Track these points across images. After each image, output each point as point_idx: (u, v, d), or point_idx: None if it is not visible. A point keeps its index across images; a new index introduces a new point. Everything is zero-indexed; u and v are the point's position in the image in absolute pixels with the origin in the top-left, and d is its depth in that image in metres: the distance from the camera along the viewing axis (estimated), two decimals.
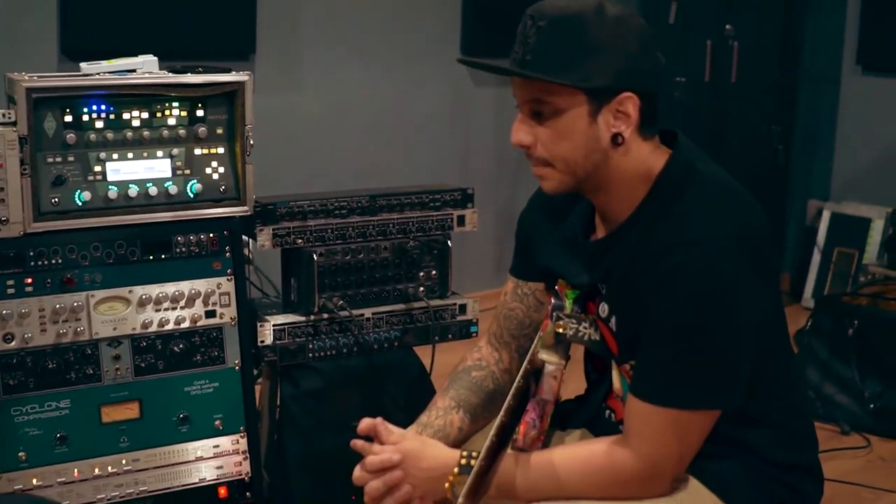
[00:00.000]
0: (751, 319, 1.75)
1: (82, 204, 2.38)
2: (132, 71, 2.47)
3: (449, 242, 2.79)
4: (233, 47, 4.17)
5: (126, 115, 2.44)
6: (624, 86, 1.75)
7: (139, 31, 3.82)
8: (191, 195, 2.50)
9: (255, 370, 2.71)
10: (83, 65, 2.46)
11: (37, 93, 2.30)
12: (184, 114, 2.50)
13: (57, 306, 2.37)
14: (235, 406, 2.56)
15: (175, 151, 2.49)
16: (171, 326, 2.49)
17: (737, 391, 1.78)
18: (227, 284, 2.55)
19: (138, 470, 2.45)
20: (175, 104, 2.48)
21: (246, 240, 2.62)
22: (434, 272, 2.80)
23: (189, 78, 2.48)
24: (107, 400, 2.42)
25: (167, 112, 2.48)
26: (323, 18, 4.43)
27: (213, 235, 2.53)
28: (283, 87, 4.36)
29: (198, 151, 2.51)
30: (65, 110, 2.37)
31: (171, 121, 2.49)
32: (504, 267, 2.14)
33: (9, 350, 2.32)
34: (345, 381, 2.70)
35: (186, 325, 2.51)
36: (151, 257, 2.47)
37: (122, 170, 2.43)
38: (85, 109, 2.39)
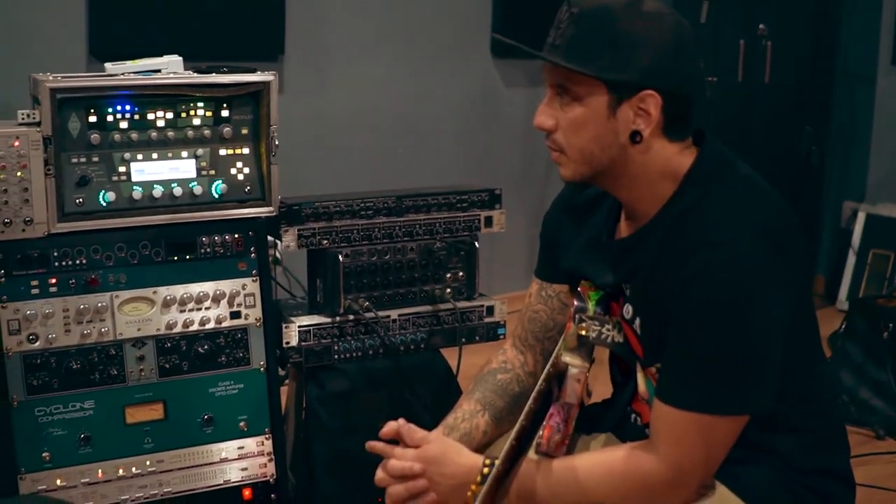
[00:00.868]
0: (779, 321, 1.71)
1: (107, 204, 2.38)
2: (157, 71, 2.46)
3: (476, 244, 2.76)
4: (261, 48, 4.17)
5: (150, 116, 2.43)
6: (647, 83, 1.72)
7: (169, 33, 3.83)
8: (215, 196, 2.49)
9: (282, 371, 2.70)
10: (108, 65, 2.46)
11: (61, 93, 2.30)
12: (209, 114, 2.49)
13: (81, 307, 2.36)
14: (260, 407, 2.55)
15: (200, 152, 2.48)
16: (195, 327, 2.48)
17: (767, 395, 1.73)
18: (252, 285, 2.54)
19: (162, 471, 2.44)
20: (200, 104, 2.48)
21: (272, 240, 2.61)
22: (461, 273, 2.77)
23: (214, 78, 2.47)
24: (131, 401, 2.42)
25: (192, 112, 2.47)
26: (351, 19, 4.42)
27: (238, 236, 2.52)
28: (312, 87, 4.36)
29: (223, 152, 2.50)
30: (89, 111, 2.37)
31: (196, 121, 2.48)
32: (533, 269, 2.12)
33: (33, 350, 2.32)
34: (371, 383, 2.68)
35: (211, 326, 2.50)
36: (176, 258, 2.46)
37: (146, 170, 2.43)
38: (109, 110, 2.39)
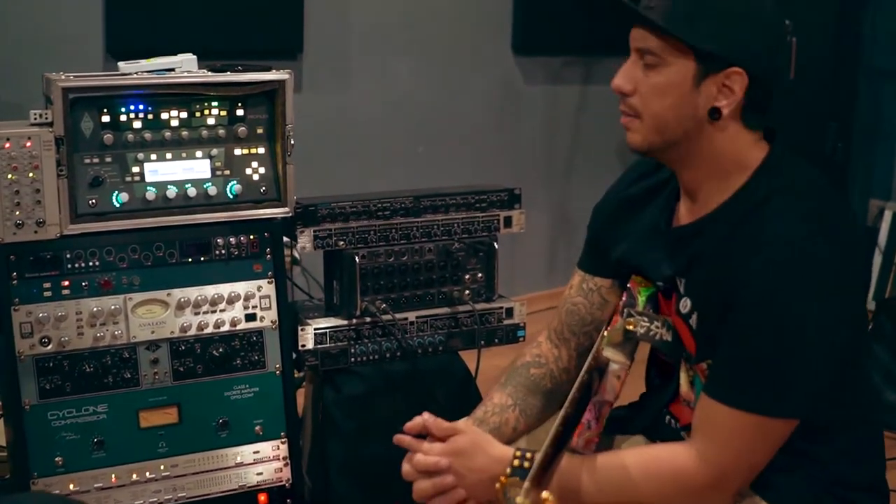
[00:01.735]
0: (841, 324, 1.67)
1: (120, 205, 2.35)
2: (171, 70, 2.43)
3: (495, 244, 2.72)
4: (280, 46, 4.14)
5: (164, 115, 2.40)
6: (737, 60, 1.67)
7: (187, 31, 3.80)
8: (230, 196, 2.45)
9: (298, 374, 2.66)
10: (121, 64, 2.43)
11: (73, 92, 2.27)
12: (223, 113, 2.45)
13: (94, 309, 2.33)
14: (276, 411, 2.52)
15: (214, 152, 2.45)
16: (210, 330, 2.45)
17: (818, 399, 1.68)
18: (267, 287, 2.50)
19: (177, 476, 2.41)
20: (214, 104, 2.44)
21: (288, 241, 2.57)
22: (480, 275, 2.73)
23: (228, 77, 2.43)
24: (145, 404, 2.39)
25: (206, 112, 2.44)
26: (371, 16, 4.39)
27: (254, 237, 2.48)
28: (331, 86, 4.32)
29: (237, 152, 2.47)
30: (102, 110, 2.34)
31: (211, 120, 2.45)
32: (555, 268, 2.08)
33: (45, 353, 2.30)
34: (388, 386, 2.64)
35: (226, 328, 2.46)
36: (190, 259, 2.43)
37: (160, 171, 2.39)
38: (122, 109, 2.36)
